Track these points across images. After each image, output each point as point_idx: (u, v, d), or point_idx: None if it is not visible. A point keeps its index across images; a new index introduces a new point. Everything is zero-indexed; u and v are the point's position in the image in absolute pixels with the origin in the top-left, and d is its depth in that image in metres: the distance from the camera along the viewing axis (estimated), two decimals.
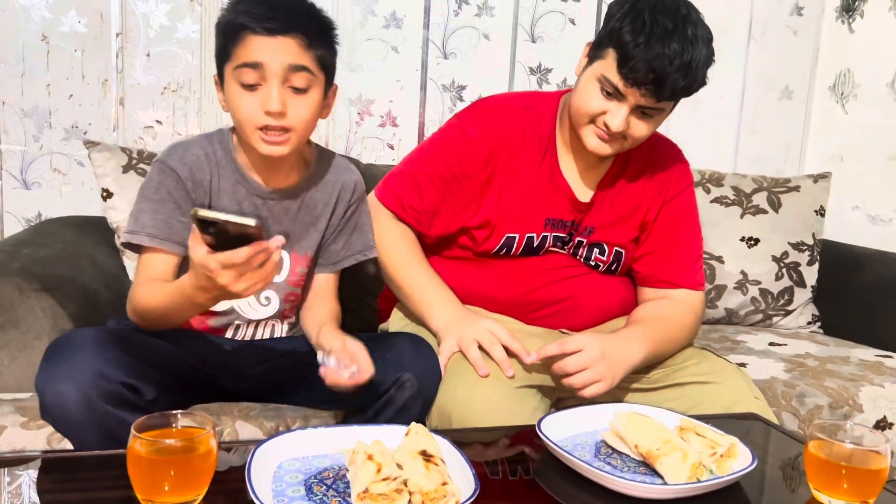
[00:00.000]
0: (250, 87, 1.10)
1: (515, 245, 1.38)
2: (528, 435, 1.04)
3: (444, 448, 0.91)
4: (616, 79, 1.22)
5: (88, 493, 0.88)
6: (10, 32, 1.79)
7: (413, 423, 0.93)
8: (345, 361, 1.04)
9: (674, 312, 1.36)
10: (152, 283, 1.12)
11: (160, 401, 1.04)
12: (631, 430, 0.99)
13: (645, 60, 1.18)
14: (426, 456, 0.86)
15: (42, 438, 1.11)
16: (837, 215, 2.24)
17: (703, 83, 1.25)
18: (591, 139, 1.29)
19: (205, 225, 0.90)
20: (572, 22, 2.17)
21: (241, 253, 0.91)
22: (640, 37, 1.18)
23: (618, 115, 1.24)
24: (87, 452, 0.97)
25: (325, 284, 1.31)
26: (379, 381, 1.10)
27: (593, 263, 1.43)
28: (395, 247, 1.37)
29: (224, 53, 1.13)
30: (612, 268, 1.44)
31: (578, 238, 1.41)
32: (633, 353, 1.24)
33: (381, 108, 2.08)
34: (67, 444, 1.10)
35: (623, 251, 1.42)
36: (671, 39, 1.18)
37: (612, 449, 1.02)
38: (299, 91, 1.12)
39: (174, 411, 0.84)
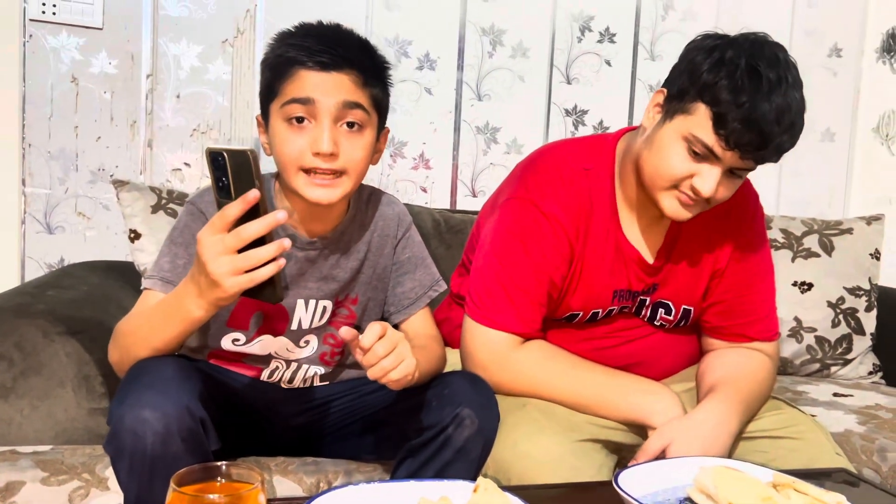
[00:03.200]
0: (298, 123, 1.00)
1: (578, 319, 1.26)
2: (603, 492, 0.93)
3: None
4: (711, 140, 1.06)
5: None
6: (39, 74, 1.76)
7: (481, 479, 0.83)
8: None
9: (755, 365, 1.24)
10: (139, 313, 1.03)
11: (219, 455, 0.93)
12: (722, 485, 0.88)
13: (750, 121, 1.02)
14: None
15: (64, 495, 1.01)
16: (889, 260, 2.14)
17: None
18: (672, 204, 1.13)
19: (216, 169, 0.85)
20: (608, 63, 2.13)
21: (233, 206, 0.83)
22: (741, 95, 1.02)
23: (709, 179, 1.08)
24: None
25: (413, 332, 1.18)
26: (435, 419, 1.00)
27: (658, 323, 1.30)
28: (546, 367, 1.20)
29: (271, 91, 1.03)
30: (679, 324, 1.31)
31: (641, 297, 1.27)
32: (729, 430, 1.14)
33: (415, 151, 2.02)
34: (92, 503, 1.00)
35: (691, 309, 1.29)
36: (775, 94, 1.02)
37: None
38: (353, 131, 1.02)
39: (217, 463, 0.74)
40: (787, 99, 1.03)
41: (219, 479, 0.74)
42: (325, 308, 1.14)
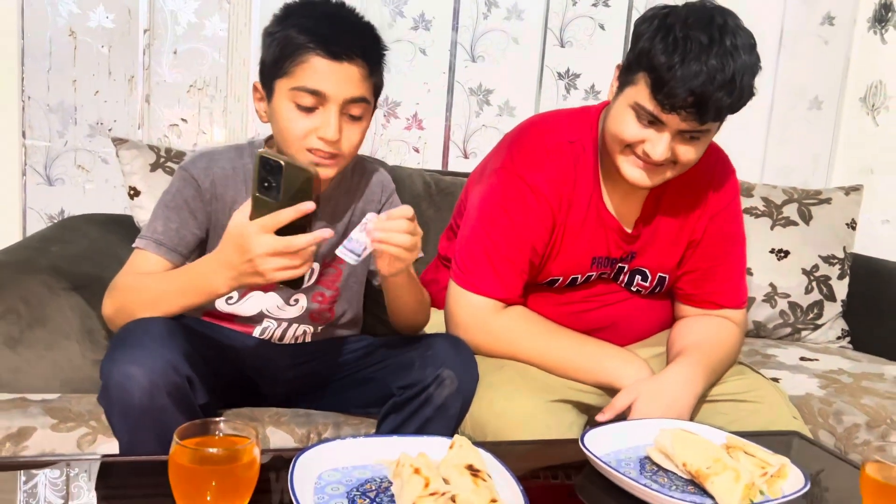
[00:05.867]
0: (307, 110, 1.07)
1: (558, 284, 1.33)
2: (570, 449, 1.01)
3: (488, 462, 0.88)
4: (651, 106, 1.11)
5: (127, 500, 0.86)
6: (37, 27, 1.78)
7: (457, 436, 0.91)
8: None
9: (723, 333, 1.32)
10: (144, 275, 1.09)
11: (208, 407, 1.01)
12: (678, 447, 0.97)
13: (682, 82, 1.06)
14: (473, 471, 0.84)
15: (72, 441, 1.09)
16: (866, 229, 2.20)
17: (750, 95, 1.13)
18: (630, 169, 1.19)
19: (265, 171, 0.92)
20: (602, 27, 2.15)
21: (286, 213, 0.92)
22: (673, 56, 1.07)
23: (659, 145, 1.13)
24: (127, 458, 0.95)
25: None
26: (417, 378, 1.08)
27: (635, 289, 1.37)
28: (524, 331, 1.27)
29: (278, 67, 1.08)
30: (655, 291, 1.38)
31: (619, 264, 1.34)
32: (694, 391, 1.21)
33: (408, 111, 2.06)
34: (99, 448, 1.08)
35: (667, 276, 1.36)
36: (708, 55, 1.06)
37: (658, 466, 0.99)
38: (354, 120, 1.10)
39: (216, 419, 0.81)
40: (721, 60, 1.06)
41: (217, 433, 0.81)
42: (312, 269, 1.21)
